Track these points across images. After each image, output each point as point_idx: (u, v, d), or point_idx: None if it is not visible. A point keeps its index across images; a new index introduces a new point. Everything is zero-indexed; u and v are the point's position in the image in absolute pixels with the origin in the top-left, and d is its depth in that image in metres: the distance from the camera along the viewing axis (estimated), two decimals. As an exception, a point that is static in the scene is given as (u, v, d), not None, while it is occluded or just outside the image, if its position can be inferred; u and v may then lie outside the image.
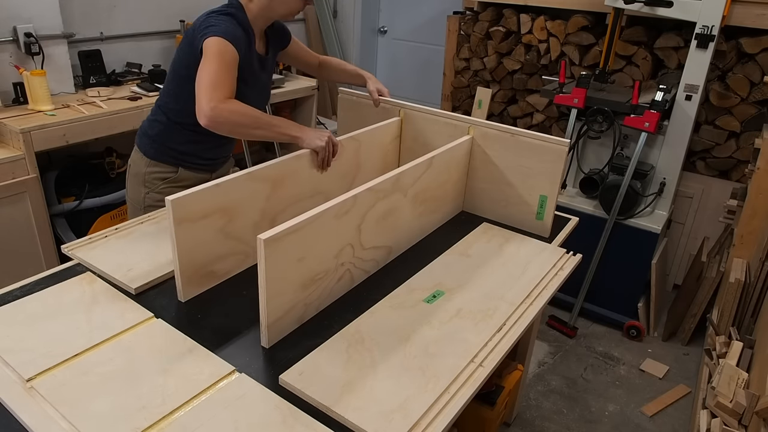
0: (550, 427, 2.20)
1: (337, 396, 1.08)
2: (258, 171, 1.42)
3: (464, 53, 3.34)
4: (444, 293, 1.43)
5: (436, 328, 1.29)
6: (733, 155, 2.69)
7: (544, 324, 2.79)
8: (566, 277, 1.55)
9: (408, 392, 1.09)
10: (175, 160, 1.73)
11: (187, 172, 1.76)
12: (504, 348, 1.24)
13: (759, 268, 2.15)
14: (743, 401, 1.57)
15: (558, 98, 2.62)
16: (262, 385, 1.11)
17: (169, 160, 1.73)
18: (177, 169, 1.74)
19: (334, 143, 1.56)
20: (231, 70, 1.46)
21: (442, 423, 1.04)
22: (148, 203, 1.76)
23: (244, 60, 1.55)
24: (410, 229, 1.63)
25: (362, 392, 1.09)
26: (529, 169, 1.71)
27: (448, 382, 1.13)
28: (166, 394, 1.07)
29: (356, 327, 1.28)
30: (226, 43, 1.46)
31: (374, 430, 1.00)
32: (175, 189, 1.62)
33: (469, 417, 1.76)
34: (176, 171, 1.75)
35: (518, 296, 1.43)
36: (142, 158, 1.74)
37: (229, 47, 1.46)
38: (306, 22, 4.15)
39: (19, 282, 1.35)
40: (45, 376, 1.10)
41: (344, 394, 1.08)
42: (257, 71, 1.67)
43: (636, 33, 2.75)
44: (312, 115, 3.57)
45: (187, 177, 1.76)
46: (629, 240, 2.62)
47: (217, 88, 1.40)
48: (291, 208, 1.55)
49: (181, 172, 1.75)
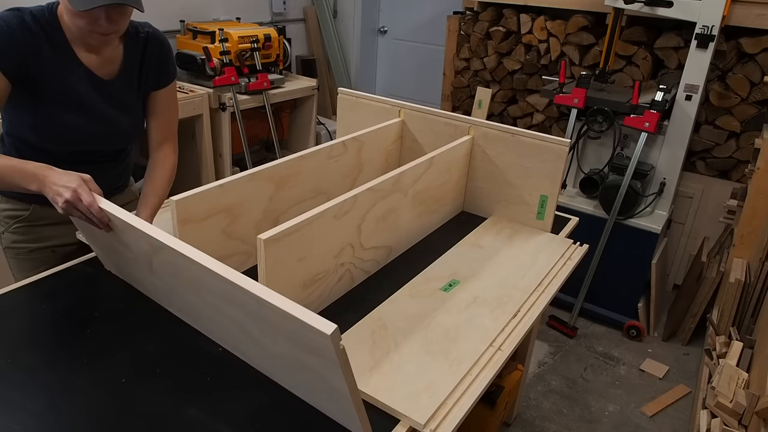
0: (550, 427, 2.20)
1: (366, 378, 1.12)
2: (261, 171, 1.42)
3: (464, 53, 3.34)
4: (459, 282, 1.47)
5: (454, 314, 1.34)
6: (733, 155, 2.70)
7: (544, 324, 2.79)
8: (575, 266, 1.60)
9: (433, 374, 1.14)
10: (24, 195, 1.39)
11: (43, 209, 1.45)
12: (520, 333, 1.30)
13: (759, 268, 2.15)
14: (743, 401, 1.58)
15: (558, 98, 2.62)
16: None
17: (18, 195, 1.43)
18: (29, 206, 1.45)
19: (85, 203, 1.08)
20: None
21: (468, 402, 1.08)
22: (5, 244, 1.50)
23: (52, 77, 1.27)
24: (410, 229, 1.63)
25: (389, 374, 1.13)
26: (530, 169, 1.71)
27: (470, 364, 1.17)
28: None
29: (378, 314, 1.33)
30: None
31: (404, 409, 1.04)
32: (32, 228, 1.48)
33: (470, 417, 1.76)
34: (28, 209, 1.46)
35: (530, 284, 1.48)
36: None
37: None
38: (306, 22, 4.15)
39: (19, 282, 1.35)
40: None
41: (372, 376, 1.12)
42: (88, 95, 1.33)
43: (636, 33, 2.75)
44: (312, 116, 3.57)
45: (44, 216, 1.47)
46: (629, 240, 2.62)
47: None
48: (294, 208, 1.56)
49: (35, 210, 1.46)
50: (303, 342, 0.87)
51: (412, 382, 1.11)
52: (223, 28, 3.00)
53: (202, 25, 3.13)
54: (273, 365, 1.07)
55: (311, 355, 0.89)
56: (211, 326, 1.17)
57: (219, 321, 1.10)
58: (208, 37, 3.04)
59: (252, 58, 3.11)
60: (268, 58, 3.23)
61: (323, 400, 1.02)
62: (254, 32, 3.10)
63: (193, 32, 3.13)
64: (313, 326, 0.80)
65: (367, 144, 1.77)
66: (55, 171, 1.13)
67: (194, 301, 1.12)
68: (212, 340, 1.20)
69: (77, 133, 1.34)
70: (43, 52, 1.25)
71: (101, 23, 1.21)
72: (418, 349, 1.21)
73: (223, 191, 1.33)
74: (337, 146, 1.65)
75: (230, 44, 2.98)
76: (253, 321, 0.96)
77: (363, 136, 1.74)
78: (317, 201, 1.59)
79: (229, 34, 2.98)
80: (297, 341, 0.88)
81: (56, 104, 1.30)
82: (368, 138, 1.77)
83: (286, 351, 0.95)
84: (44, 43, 1.25)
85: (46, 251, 1.52)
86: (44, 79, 1.27)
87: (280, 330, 0.90)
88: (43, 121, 1.31)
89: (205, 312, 1.12)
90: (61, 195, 1.09)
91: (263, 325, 0.94)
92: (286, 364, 1.01)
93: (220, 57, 2.94)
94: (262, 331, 0.97)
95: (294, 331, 0.86)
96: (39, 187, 1.13)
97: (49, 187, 1.11)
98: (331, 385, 0.92)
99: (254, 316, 0.93)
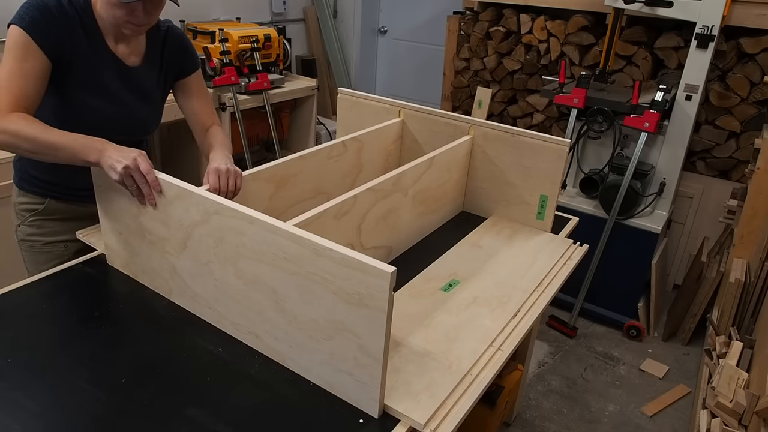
0: (550, 427, 2.20)
1: None
2: (262, 171, 1.43)
3: (464, 53, 3.34)
4: (459, 282, 1.47)
5: (454, 314, 1.34)
6: (733, 155, 2.70)
7: (544, 324, 2.79)
8: (575, 266, 1.60)
9: (432, 374, 1.14)
10: (40, 189, 1.48)
11: (57, 203, 1.50)
12: (520, 333, 1.30)
13: (759, 268, 2.15)
14: (743, 401, 1.58)
15: (558, 98, 2.62)
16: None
17: (35, 189, 1.48)
18: (44, 200, 1.49)
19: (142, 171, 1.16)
20: (23, 69, 1.20)
21: (468, 402, 1.08)
22: (20, 237, 1.54)
23: (84, 58, 1.31)
24: (410, 229, 1.63)
25: (389, 374, 1.12)
26: (530, 169, 1.71)
27: (470, 364, 1.18)
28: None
29: None
30: (20, 32, 1.20)
31: (404, 409, 1.04)
32: (46, 222, 1.50)
33: (469, 417, 1.76)
34: (43, 202, 1.49)
35: (530, 284, 1.48)
36: (13, 186, 1.52)
37: (23, 38, 1.20)
38: (306, 22, 4.15)
39: (19, 282, 1.35)
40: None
41: None
42: (112, 82, 1.38)
43: (636, 33, 2.75)
44: (312, 116, 3.57)
45: (57, 209, 1.50)
46: (629, 240, 2.62)
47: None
48: (293, 208, 1.56)
49: (50, 204, 1.49)
50: (354, 291, 0.95)
51: (412, 382, 1.11)
52: (223, 28, 3.00)
53: (202, 25, 3.13)
54: (293, 340, 1.09)
55: (357, 307, 0.96)
56: (228, 308, 1.18)
57: (243, 298, 1.13)
58: (208, 37, 3.04)
59: (252, 58, 3.11)
60: (268, 58, 3.23)
61: (343, 372, 1.04)
62: (254, 32, 3.10)
63: (193, 32, 3.14)
64: (375, 266, 0.90)
65: (367, 144, 1.77)
66: (114, 144, 1.20)
67: (224, 277, 1.15)
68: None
69: (98, 118, 1.38)
70: (77, 35, 1.30)
71: (138, 14, 1.26)
72: (418, 348, 1.21)
73: (223, 191, 1.33)
74: (337, 146, 1.65)
75: (230, 44, 2.98)
76: (295, 282, 1.02)
77: (363, 136, 1.74)
78: (317, 201, 1.59)
79: (229, 34, 2.98)
80: (346, 292, 0.96)
81: (82, 87, 1.34)
82: (368, 138, 1.77)
83: (324, 312, 1.01)
84: (78, 28, 1.30)
85: (59, 246, 1.55)
86: (75, 62, 1.31)
87: (330, 283, 0.97)
88: (67, 103, 1.35)
89: (230, 290, 1.15)
90: (121, 161, 1.15)
91: (308, 283, 1.00)
92: (315, 333, 1.04)
93: (220, 57, 2.94)
94: (304, 291, 1.02)
95: (348, 278, 0.94)
96: (98, 157, 1.18)
97: (109, 156, 1.17)
98: (362, 347, 0.98)
99: (301, 274, 1.00)
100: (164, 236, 1.23)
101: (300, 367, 1.12)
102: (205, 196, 1.11)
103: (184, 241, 1.19)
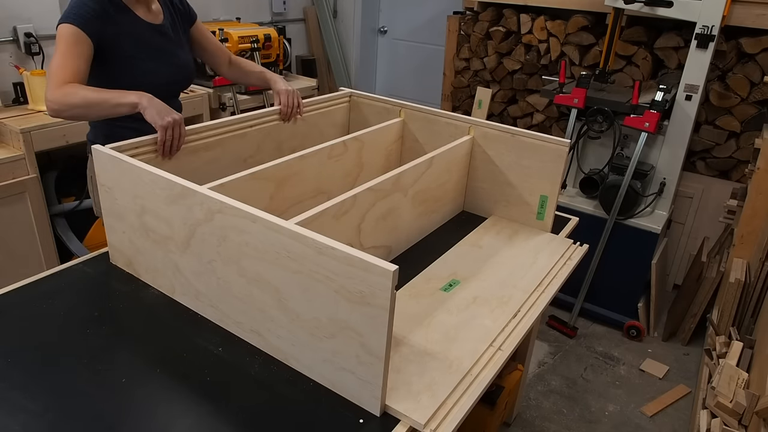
0: (550, 427, 2.20)
1: None
2: (261, 171, 1.43)
3: (464, 53, 3.34)
4: (459, 282, 1.47)
5: (454, 314, 1.34)
6: (733, 155, 2.70)
7: (544, 324, 2.79)
8: (575, 266, 1.60)
9: (433, 374, 1.14)
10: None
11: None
12: (520, 333, 1.30)
13: (759, 268, 2.15)
14: (743, 401, 1.58)
15: (558, 98, 2.62)
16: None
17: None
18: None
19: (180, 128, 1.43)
20: (73, 53, 1.43)
21: (468, 402, 1.09)
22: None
23: (125, 34, 1.53)
24: (410, 229, 1.63)
25: (390, 374, 1.12)
26: (530, 169, 1.71)
27: (470, 364, 1.18)
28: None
29: None
30: (68, 26, 1.44)
31: (404, 409, 1.05)
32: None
33: (470, 417, 1.76)
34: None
35: (530, 284, 1.48)
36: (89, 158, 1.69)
37: (71, 30, 1.44)
38: (306, 22, 4.15)
39: (19, 282, 1.35)
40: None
41: None
42: (153, 40, 1.62)
43: (636, 33, 2.75)
44: (312, 115, 3.56)
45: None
46: (629, 240, 2.62)
47: (53, 77, 1.40)
48: (294, 207, 1.56)
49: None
50: (356, 290, 0.96)
51: (412, 382, 1.11)
52: (223, 28, 3.00)
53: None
54: (295, 339, 1.09)
55: (360, 306, 0.96)
56: (231, 306, 1.19)
57: (246, 297, 1.14)
58: (208, 37, 3.04)
59: (252, 58, 3.11)
60: (268, 58, 3.23)
61: (345, 370, 1.04)
62: (254, 32, 3.10)
63: (193, 32, 3.13)
64: (377, 265, 0.91)
65: (368, 144, 1.77)
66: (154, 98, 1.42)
67: (226, 276, 1.15)
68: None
69: (157, 80, 1.58)
70: (110, 14, 1.52)
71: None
72: (418, 349, 1.21)
73: (223, 190, 1.32)
74: (338, 146, 1.65)
75: (230, 44, 2.98)
76: (298, 281, 1.03)
77: (363, 135, 1.74)
78: (318, 200, 1.59)
79: (229, 34, 2.98)
80: (348, 291, 0.97)
81: (134, 56, 1.56)
82: (368, 138, 1.77)
83: (326, 310, 1.02)
84: (109, 7, 1.52)
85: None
86: (117, 37, 1.53)
87: (333, 281, 0.98)
88: (123, 74, 1.55)
89: (233, 288, 1.16)
90: (170, 114, 1.39)
91: (311, 281, 1.02)
92: (317, 332, 1.05)
93: (220, 57, 2.94)
94: (306, 290, 1.03)
95: (351, 277, 0.95)
96: (149, 102, 1.39)
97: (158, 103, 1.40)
98: (364, 345, 0.99)
99: (304, 272, 1.01)
100: (168, 235, 1.24)
101: (302, 365, 1.12)
102: (208, 195, 1.11)
103: (188, 240, 1.20)
